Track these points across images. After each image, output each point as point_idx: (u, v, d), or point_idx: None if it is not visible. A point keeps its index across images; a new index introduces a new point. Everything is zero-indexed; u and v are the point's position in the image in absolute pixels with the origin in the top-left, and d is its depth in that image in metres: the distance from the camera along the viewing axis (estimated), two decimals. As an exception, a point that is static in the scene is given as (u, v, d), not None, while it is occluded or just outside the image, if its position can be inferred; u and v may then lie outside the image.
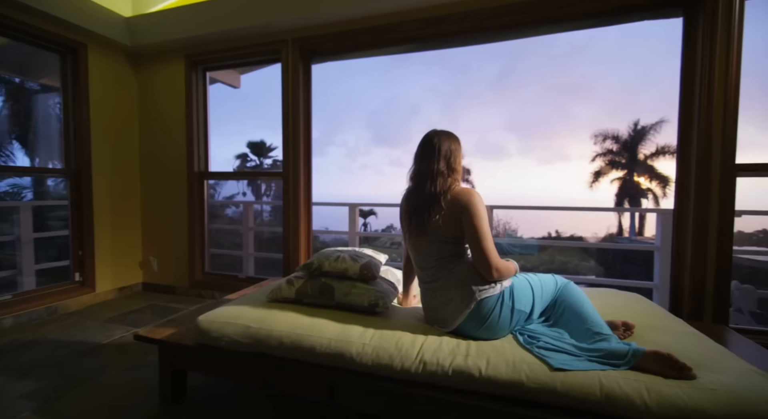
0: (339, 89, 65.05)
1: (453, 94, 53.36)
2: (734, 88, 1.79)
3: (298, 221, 2.65)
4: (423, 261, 1.39)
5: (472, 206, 1.27)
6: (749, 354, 1.30)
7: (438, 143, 1.35)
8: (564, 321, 1.32)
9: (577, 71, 42.83)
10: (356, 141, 67.09)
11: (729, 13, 1.78)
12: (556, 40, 45.89)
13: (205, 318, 1.40)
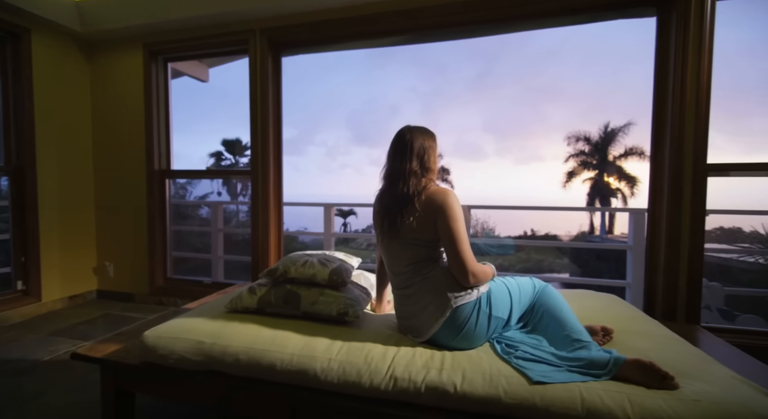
0: (318, 88, 64.23)
1: (432, 94, 53.79)
2: (706, 87, 1.79)
3: (268, 222, 2.50)
4: (396, 266, 1.30)
5: (447, 207, 1.19)
6: (725, 355, 1.28)
7: (410, 140, 1.26)
8: (542, 326, 1.26)
9: (551, 74, 44.17)
10: (336, 140, 66.50)
11: (701, 14, 1.78)
12: (531, 43, 47.14)
13: (151, 333, 1.25)
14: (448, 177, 24.14)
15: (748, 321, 2.40)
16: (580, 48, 41.91)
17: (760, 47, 20.76)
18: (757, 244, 4.65)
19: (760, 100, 26.21)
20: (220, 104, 29.55)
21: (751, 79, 24.99)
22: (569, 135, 21.81)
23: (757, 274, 3.97)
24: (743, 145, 25.14)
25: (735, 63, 6.07)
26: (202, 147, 26.63)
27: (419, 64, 55.95)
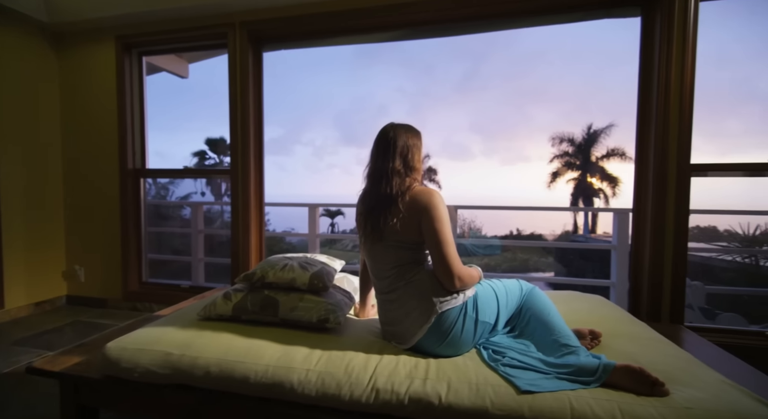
0: (305, 87, 63.60)
1: (419, 95, 53.97)
2: (689, 87, 1.80)
3: (249, 223, 2.41)
4: (379, 270, 1.24)
5: (432, 208, 1.14)
6: (711, 357, 1.27)
7: (394, 138, 1.21)
8: (530, 331, 1.22)
9: (536, 75, 44.90)
10: (323, 140, 66.01)
11: (684, 14, 1.78)
12: (516, 44, 47.81)
13: (115, 345, 1.16)
14: (436, 177, 24.26)
15: (728, 319, 2.44)
16: (563, 50, 42.75)
17: (732, 50, 21.55)
18: (734, 243, 4.80)
19: (733, 102, 27.23)
20: (204, 102, 28.92)
21: (724, 81, 25.91)
22: (554, 136, 22.20)
23: (735, 273, 4.07)
24: (718, 146, 26.08)
25: (709, 65, 6.24)
26: (188, 146, 25.95)
27: (406, 64, 56.11)
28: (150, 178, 2.84)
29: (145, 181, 2.80)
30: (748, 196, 4.20)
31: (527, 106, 44.53)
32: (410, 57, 54.77)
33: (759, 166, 1.87)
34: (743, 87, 27.42)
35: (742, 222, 5.00)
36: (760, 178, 1.89)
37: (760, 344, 1.82)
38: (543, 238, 20.59)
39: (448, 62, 52.19)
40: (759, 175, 1.88)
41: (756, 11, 14.03)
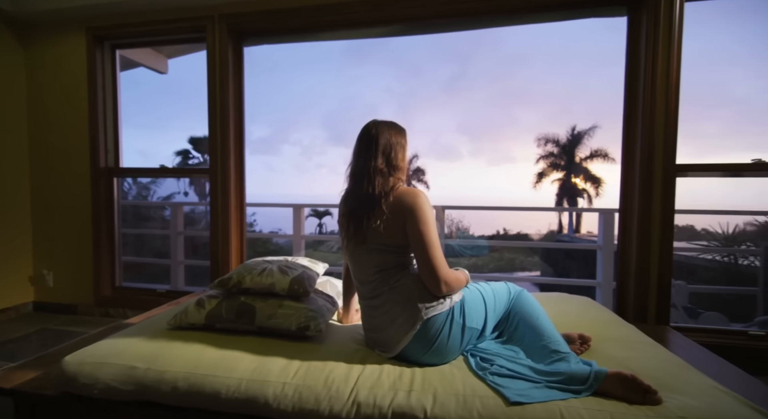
0: (293, 86, 62.85)
1: (407, 95, 54.09)
2: (675, 88, 1.80)
3: (228, 224, 2.31)
4: (362, 274, 1.18)
5: (417, 209, 1.09)
6: (700, 360, 1.25)
7: (376, 135, 1.15)
8: (518, 336, 1.18)
9: (521, 77, 45.57)
10: (311, 140, 65.46)
11: (670, 14, 1.78)
12: (502, 46, 48.42)
13: (73, 358, 1.06)
14: (424, 177, 24.35)
15: (711, 318, 2.46)
16: (548, 52, 43.53)
17: (709, 54, 22.26)
18: (713, 242, 4.92)
19: (710, 105, 28.15)
20: (187, 99, 28.27)
21: (701, 84, 26.79)
22: (539, 137, 22.55)
23: (715, 272, 4.17)
24: (695, 147, 26.95)
25: (688, 68, 6.55)
26: (172, 144, 25.23)
27: (395, 64, 56.16)
28: (126, 178, 2.71)
29: (119, 181, 2.67)
30: (724, 195, 4.29)
31: (513, 107, 45.18)
32: (398, 57, 54.87)
33: (740, 166, 1.89)
34: (719, 91, 28.40)
35: (720, 221, 5.14)
36: (736, 179, 1.91)
37: (744, 343, 1.83)
38: (529, 238, 20.89)
39: (435, 63, 52.49)
40: (741, 175, 1.89)
41: (730, 19, 14.54)
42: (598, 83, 40.91)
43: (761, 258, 2.68)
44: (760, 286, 2.58)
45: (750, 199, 3.98)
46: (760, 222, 4.33)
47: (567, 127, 24.54)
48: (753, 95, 29.56)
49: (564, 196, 22.21)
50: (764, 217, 4.17)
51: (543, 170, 22.33)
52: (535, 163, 22.59)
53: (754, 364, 1.74)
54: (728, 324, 2.48)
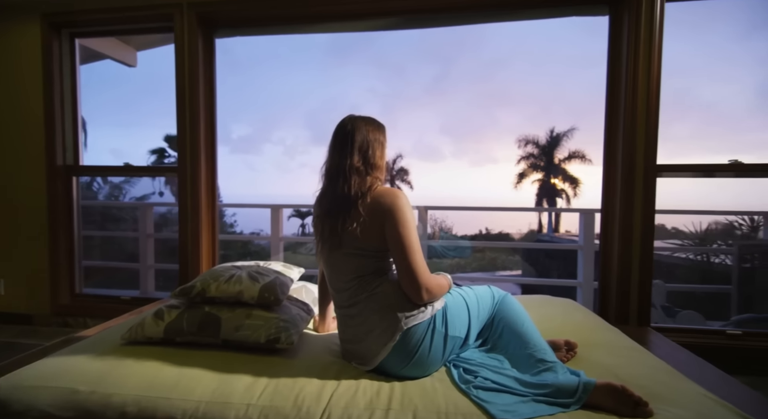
0: (275, 85, 61.70)
1: (391, 96, 54.15)
2: (655, 88, 1.79)
3: (199, 226, 2.17)
4: (338, 281, 1.09)
5: (396, 211, 1.01)
6: (684, 363, 1.23)
7: (352, 131, 1.07)
8: (503, 343, 1.12)
9: (502, 79, 46.43)
10: (294, 139, 64.55)
11: (651, 14, 1.77)
12: (484, 48, 49.12)
13: (6, 382, 0.93)
14: (408, 177, 24.40)
15: (687, 316, 2.50)
16: (527, 55, 44.52)
17: (678, 59, 23.20)
18: (686, 241, 5.09)
19: (678, 109, 29.42)
20: (161, 95, 27.37)
21: (670, 88, 27.95)
22: (519, 138, 23.00)
23: (688, 270, 4.29)
24: (666, 149, 28.07)
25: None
26: (150, 143, 24.33)
27: (378, 65, 56.12)
28: (86, 176, 2.52)
29: (78, 180, 2.48)
30: (693, 196, 4.41)
31: (494, 108, 45.95)
32: (382, 58, 54.86)
33: (718, 166, 1.91)
34: (687, 95, 29.71)
35: (693, 221, 5.33)
36: (705, 180, 1.95)
37: (722, 343, 1.84)
38: (510, 237, 21.23)
39: (418, 64, 52.78)
40: (719, 176, 1.91)
41: (698, 24, 15.15)
42: (577, 86, 42.11)
43: (734, 257, 2.76)
44: (733, 284, 2.64)
45: (720, 199, 4.11)
46: (729, 221, 4.51)
47: (546, 129, 25.12)
48: (720, 100, 31.06)
49: (544, 196, 22.73)
50: (734, 217, 4.35)
51: (524, 171, 22.78)
52: (516, 164, 23.04)
53: (732, 363, 1.75)
54: (705, 321, 2.53)
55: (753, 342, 1.83)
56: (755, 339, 1.84)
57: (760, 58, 30.23)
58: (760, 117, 33.33)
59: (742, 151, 25.87)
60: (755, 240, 3.82)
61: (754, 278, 2.74)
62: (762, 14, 26.01)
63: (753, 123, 32.27)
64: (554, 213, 21.35)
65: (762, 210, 2.83)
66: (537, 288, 5.39)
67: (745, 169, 1.86)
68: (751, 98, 32.12)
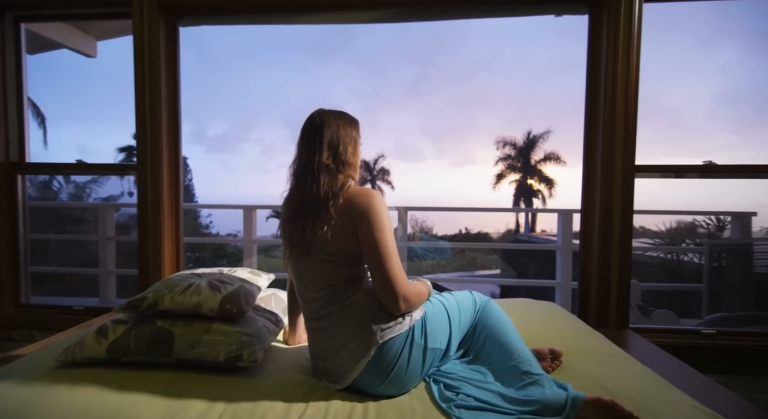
0: (254, 84, 60.17)
1: (371, 96, 54.08)
2: (634, 86, 1.78)
3: (161, 228, 2.01)
4: (307, 290, 0.99)
5: (371, 213, 0.92)
6: (667, 368, 1.20)
7: (320, 126, 0.97)
8: (486, 354, 1.05)
9: (480, 81, 47.27)
10: (273, 138, 63.21)
11: (630, 13, 1.76)
12: (462, 51, 49.87)
13: None
14: (389, 177, 24.40)
15: (662, 315, 2.54)
16: (506, 58, 45.55)
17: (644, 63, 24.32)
18: (656, 240, 5.28)
19: (644, 113, 30.84)
20: (129, 89, 26.29)
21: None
22: (497, 140, 23.50)
23: (658, 268, 4.43)
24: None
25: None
26: (120, 140, 22.86)
27: (358, 64, 55.88)
28: (33, 175, 2.29)
29: (24, 179, 2.25)
30: (661, 196, 4.56)
31: (473, 110, 46.73)
32: (362, 57, 54.68)
33: (693, 167, 1.93)
34: (652, 100, 31.21)
35: (661, 220, 5.55)
36: (673, 181, 1.98)
37: (697, 343, 1.86)
38: (489, 236, 21.62)
39: (398, 65, 53.00)
40: (693, 177, 1.94)
41: (662, 32, 15.90)
42: (552, 89, 43.46)
43: (705, 256, 2.83)
44: (704, 282, 2.72)
45: (685, 199, 4.25)
46: (697, 221, 4.70)
47: (523, 131, 25.77)
48: (682, 105, 32.76)
49: (521, 197, 23.31)
50: (702, 217, 4.53)
51: (502, 171, 23.29)
52: (494, 165, 23.53)
53: (706, 362, 1.76)
54: (678, 319, 2.57)
55: (726, 341, 1.85)
56: (728, 337, 1.87)
57: (718, 66, 32.11)
58: (719, 122, 35.40)
59: (704, 154, 27.40)
60: (723, 239, 3.97)
61: (723, 276, 2.83)
62: (721, 25, 27.49)
63: (712, 127, 34.19)
64: (531, 213, 21.89)
65: (730, 211, 2.93)
66: (516, 288, 5.44)
67: (719, 169, 1.88)
68: (710, 104, 34.05)
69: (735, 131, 33.69)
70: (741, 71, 32.04)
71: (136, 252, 2.05)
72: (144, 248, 2.01)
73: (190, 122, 54.27)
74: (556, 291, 3.00)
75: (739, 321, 2.47)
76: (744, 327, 2.33)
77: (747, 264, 2.69)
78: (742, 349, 1.82)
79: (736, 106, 32.11)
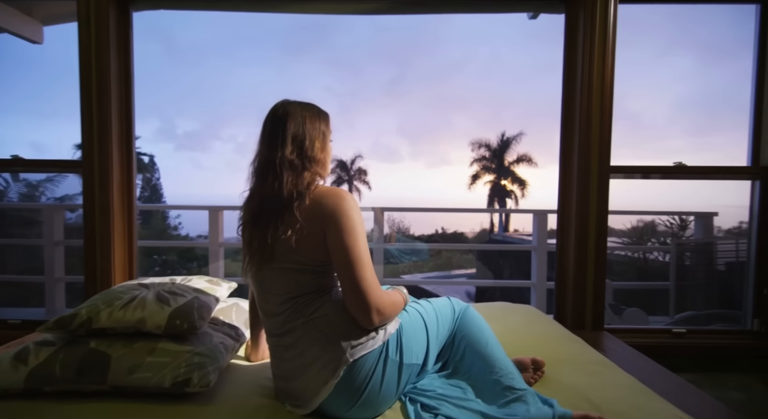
0: (226, 81, 58.15)
1: (348, 95, 53.74)
2: (609, 86, 1.78)
3: (110, 231, 1.82)
4: (268, 302, 0.88)
5: (341, 215, 0.82)
6: (646, 372, 1.18)
7: (284, 117, 0.87)
8: (465, 367, 0.98)
9: (456, 84, 48.09)
10: (247, 137, 61.35)
11: (605, 13, 1.75)
12: (438, 53, 50.57)
13: None
14: (366, 178, 24.29)
15: (632, 314, 2.59)
16: (481, 61, 46.56)
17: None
18: (624, 239, 5.48)
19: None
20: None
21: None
22: (473, 141, 23.94)
23: (624, 266, 4.58)
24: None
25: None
26: (75, 136, 21.17)
27: (334, 64, 55.36)
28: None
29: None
30: (624, 197, 4.73)
31: (449, 112, 47.44)
32: (337, 58, 54.21)
33: (665, 168, 1.95)
34: (617, 103, 32.83)
35: (629, 220, 5.80)
36: (633, 181, 2.01)
37: (668, 342, 1.88)
38: (465, 235, 21.97)
39: (374, 66, 53.00)
40: (664, 178, 1.97)
41: (623, 39, 16.71)
42: (526, 92, 44.85)
43: (672, 254, 2.92)
44: (671, 281, 2.80)
45: (648, 199, 4.41)
46: (662, 220, 4.92)
47: (497, 133, 26.38)
48: (643, 110, 34.62)
49: (495, 197, 23.86)
50: (664, 216, 4.73)
51: (477, 172, 23.74)
52: (469, 166, 23.96)
53: (678, 361, 1.79)
54: (647, 318, 2.63)
55: (696, 339, 1.89)
56: (698, 336, 1.90)
57: (674, 74, 34.14)
58: (676, 126, 37.69)
59: (663, 157, 29.09)
60: (690, 238, 4.14)
61: (687, 274, 2.93)
62: (677, 35, 29.28)
63: (670, 131, 36.38)
64: (504, 214, 22.44)
65: (693, 211, 3.05)
66: (493, 290, 5.47)
67: (689, 171, 1.91)
68: (668, 110, 36.21)
69: (689, 136, 36.05)
70: (696, 79, 34.44)
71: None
72: (91, 254, 1.81)
73: (157, 119, 51.91)
74: (531, 291, 3.00)
75: (706, 320, 2.55)
76: (711, 325, 2.40)
77: (710, 262, 2.80)
78: (711, 347, 1.86)
79: (691, 112, 34.43)
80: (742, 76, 2.04)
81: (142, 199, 22.43)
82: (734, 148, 5.76)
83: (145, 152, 22.74)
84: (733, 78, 27.56)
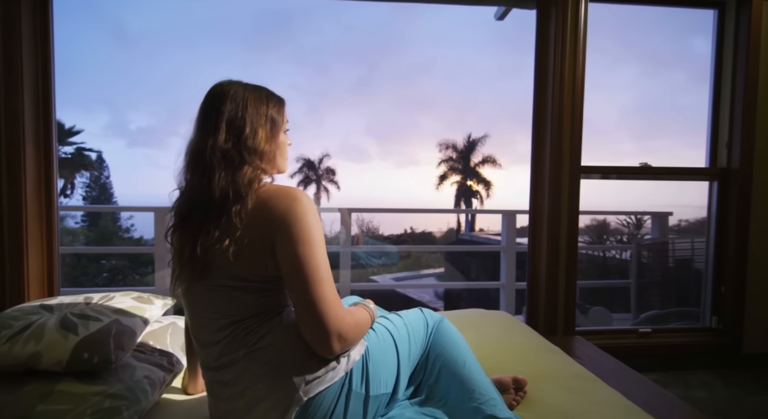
0: (185, 75, 54.93)
1: (315, 94, 52.72)
2: (580, 86, 1.76)
3: (22, 238, 1.53)
4: (203, 329, 0.71)
5: (294, 220, 0.67)
6: (622, 380, 1.14)
7: (220, 97, 0.70)
8: (441, 391, 0.85)
9: (423, 85, 48.76)
10: (208, 133, 58.39)
11: (576, 12, 1.72)
12: (406, 54, 51.01)
13: None
14: (335, 177, 23.94)
15: (597, 312, 2.62)
16: (447, 63, 47.56)
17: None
18: (585, 237, 5.71)
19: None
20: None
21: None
22: (440, 142, 24.34)
23: (586, 264, 4.73)
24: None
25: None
26: None
27: (300, 61, 54.15)
28: None
29: None
30: (587, 197, 4.90)
31: (416, 113, 47.97)
32: (304, 55, 53.11)
33: (632, 169, 1.97)
34: (575, 110, 34.98)
35: (584, 219, 6.06)
36: (593, 182, 1.99)
37: (635, 342, 1.89)
38: (433, 235, 22.26)
39: (342, 65, 52.47)
40: (632, 178, 1.99)
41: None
42: (491, 95, 46.34)
43: (633, 252, 3.01)
44: (632, 279, 2.88)
45: (602, 199, 4.59)
46: (619, 220, 5.16)
47: (464, 135, 27.01)
48: (594, 117, 37.12)
49: (461, 197, 24.40)
50: (622, 216, 4.96)
51: (444, 173, 24.14)
52: (437, 166, 24.31)
53: (644, 361, 1.80)
54: (611, 316, 2.67)
55: (661, 338, 1.91)
56: (663, 335, 1.93)
57: (621, 85, 36.91)
58: (623, 131, 40.87)
59: (615, 159, 31.15)
60: (647, 237, 4.34)
61: (645, 272, 3.03)
62: (624, 49, 31.58)
63: (619, 136, 39.32)
64: (470, 214, 23.02)
65: (649, 211, 3.17)
66: (463, 291, 5.47)
67: (655, 171, 1.94)
68: (614, 117, 39.17)
69: (634, 141, 39.15)
70: (638, 90, 37.77)
71: None
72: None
73: (107, 113, 48.25)
74: (500, 292, 2.98)
75: (666, 318, 2.63)
76: (671, 323, 2.47)
77: (666, 260, 2.91)
78: (675, 345, 1.88)
79: (634, 119, 37.61)
80: (675, 87, 2.11)
81: (89, 199, 20.72)
82: (670, 152, 6.03)
83: (91, 148, 21.07)
84: (668, 88, 30.09)
